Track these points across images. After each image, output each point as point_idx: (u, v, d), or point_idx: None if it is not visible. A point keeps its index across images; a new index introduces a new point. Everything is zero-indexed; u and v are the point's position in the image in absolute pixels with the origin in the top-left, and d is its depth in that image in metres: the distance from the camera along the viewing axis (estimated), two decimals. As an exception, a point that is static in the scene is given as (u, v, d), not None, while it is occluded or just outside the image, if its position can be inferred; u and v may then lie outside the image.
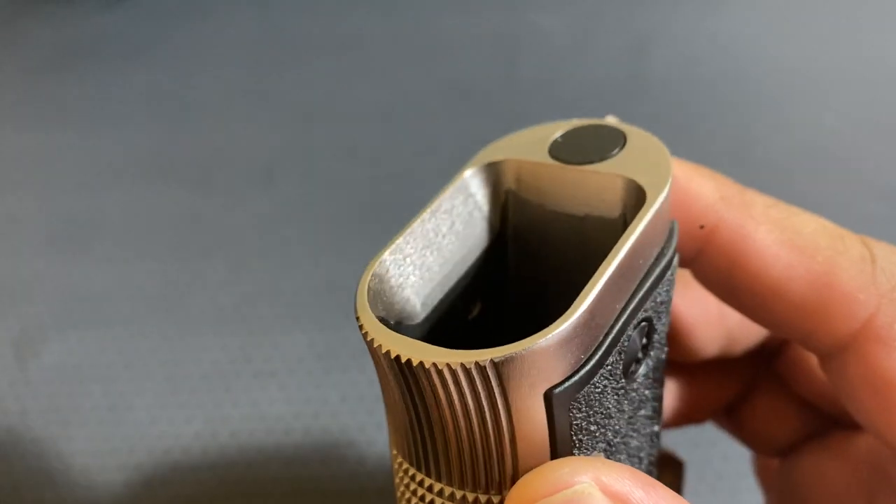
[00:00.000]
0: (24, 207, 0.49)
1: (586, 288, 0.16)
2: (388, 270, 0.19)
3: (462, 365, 0.15)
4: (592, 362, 0.17)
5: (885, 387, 0.20)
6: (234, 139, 0.53)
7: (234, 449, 0.36)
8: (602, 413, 0.18)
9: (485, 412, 0.16)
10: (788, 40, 0.58)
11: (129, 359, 0.40)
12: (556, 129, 0.21)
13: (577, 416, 0.17)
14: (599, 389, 0.17)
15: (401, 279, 0.19)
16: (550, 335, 0.15)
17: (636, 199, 0.19)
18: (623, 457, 0.20)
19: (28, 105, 0.56)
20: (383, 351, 0.16)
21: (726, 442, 0.28)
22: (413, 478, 0.18)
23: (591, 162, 0.20)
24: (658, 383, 0.21)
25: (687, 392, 0.27)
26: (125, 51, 0.60)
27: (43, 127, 0.54)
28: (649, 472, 0.22)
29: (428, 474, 0.18)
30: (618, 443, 0.19)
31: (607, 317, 0.17)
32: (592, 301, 0.16)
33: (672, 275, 0.20)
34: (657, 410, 0.22)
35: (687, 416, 0.27)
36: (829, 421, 0.25)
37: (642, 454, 0.21)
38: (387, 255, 0.19)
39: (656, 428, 0.22)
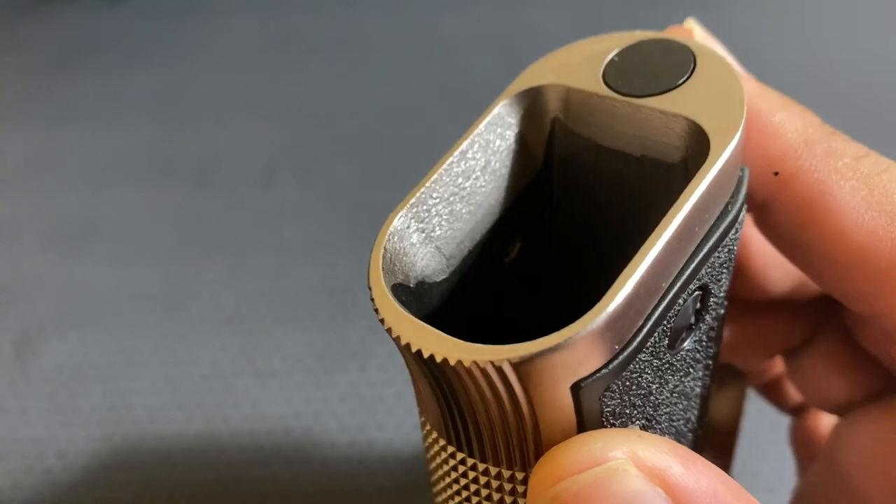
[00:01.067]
0: (24, 207, 0.49)
1: (622, 275, 0.14)
2: (408, 226, 0.16)
3: (475, 363, 0.14)
4: (630, 349, 0.15)
5: None
6: (234, 139, 0.53)
7: (234, 449, 0.36)
8: (640, 394, 0.16)
9: (504, 403, 0.14)
10: (789, 40, 0.59)
11: (129, 359, 0.40)
12: (615, 44, 0.18)
13: (610, 403, 0.15)
14: (637, 373, 0.15)
15: (423, 234, 0.17)
16: (576, 334, 0.13)
17: (700, 144, 0.16)
18: (665, 425, 0.18)
19: (28, 105, 0.56)
20: (393, 335, 0.15)
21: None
22: (444, 448, 0.17)
23: (651, 94, 0.17)
24: (713, 342, 0.19)
25: (751, 330, 0.25)
26: (125, 51, 0.60)
27: (43, 127, 0.54)
28: (698, 427, 0.20)
29: (459, 448, 0.16)
30: (659, 414, 0.17)
31: (650, 299, 0.15)
32: (630, 293, 0.14)
33: (737, 233, 0.17)
34: (710, 367, 0.19)
35: (748, 353, 0.25)
36: (893, 381, 0.23)
37: (689, 414, 0.19)
38: (406, 210, 0.16)
39: (709, 381, 0.20)
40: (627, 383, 0.15)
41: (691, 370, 0.18)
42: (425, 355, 0.14)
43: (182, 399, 0.39)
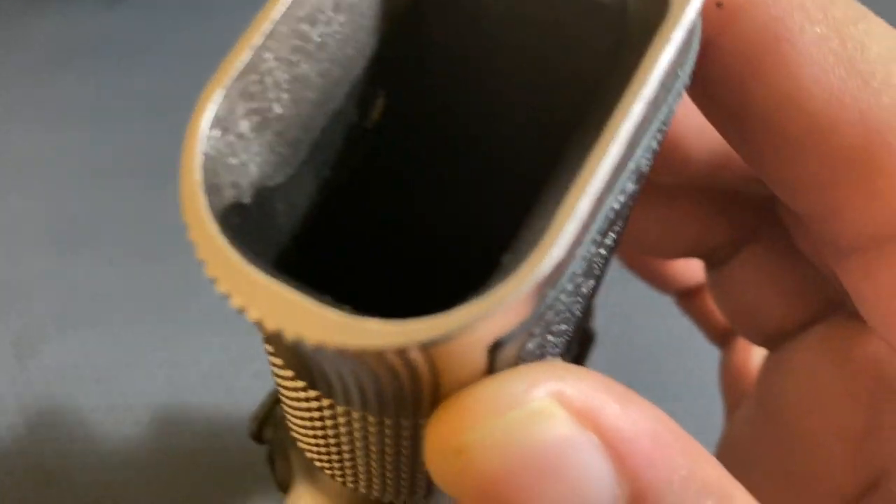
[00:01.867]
0: (24, 207, 0.49)
1: (560, 213, 0.10)
2: (235, 109, 0.11)
3: (365, 350, 0.10)
4: (559, 285, 0.11)
5: None
6: (234, 139, 0.53)
7: (235, 449, 0.36)
8: (558, 319, 0.13)
9: (401, 378, 0.11)
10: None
11: (129, 359, 0.40)
12: None
13: (528, 346, 0.12)
14: (560, 302, 0.12)
15: (258, 118, 0.12)
16: (506, 297, 0.10)
17: None
18: (563, 327, 0.14)
19: (28, 105, 0.56)
20: (235, 305, 0.11)
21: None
22: (305, 390, 0.13)
23: None
24: (626, 221, 0.14)
25: (656, 218, 0.20)
26: (125, 51, 0.60)
27: (43, 127, 0.54)
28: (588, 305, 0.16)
29: (327, 395, 0.13)
30: (565, 327, 0.14)
31: (591, 225, 0.11)
32: (574, 235, 0.10)
33: (681, 99, 0.13)
34: (617, 245, 0.15)
35: (649, 247, 0.21)
36: (836, 301, 0.19)
37: (587, 302, 0.15)
38: (230, 85, 0.11)
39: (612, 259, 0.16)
40: (549, 317, 0.12)
41: (604, 262, 0.14)
42: (289, 338, 0.10)
43: (182, 399, 0.39)
